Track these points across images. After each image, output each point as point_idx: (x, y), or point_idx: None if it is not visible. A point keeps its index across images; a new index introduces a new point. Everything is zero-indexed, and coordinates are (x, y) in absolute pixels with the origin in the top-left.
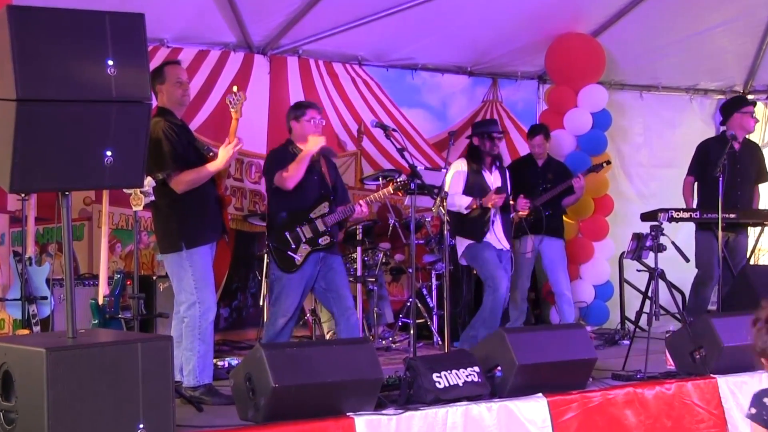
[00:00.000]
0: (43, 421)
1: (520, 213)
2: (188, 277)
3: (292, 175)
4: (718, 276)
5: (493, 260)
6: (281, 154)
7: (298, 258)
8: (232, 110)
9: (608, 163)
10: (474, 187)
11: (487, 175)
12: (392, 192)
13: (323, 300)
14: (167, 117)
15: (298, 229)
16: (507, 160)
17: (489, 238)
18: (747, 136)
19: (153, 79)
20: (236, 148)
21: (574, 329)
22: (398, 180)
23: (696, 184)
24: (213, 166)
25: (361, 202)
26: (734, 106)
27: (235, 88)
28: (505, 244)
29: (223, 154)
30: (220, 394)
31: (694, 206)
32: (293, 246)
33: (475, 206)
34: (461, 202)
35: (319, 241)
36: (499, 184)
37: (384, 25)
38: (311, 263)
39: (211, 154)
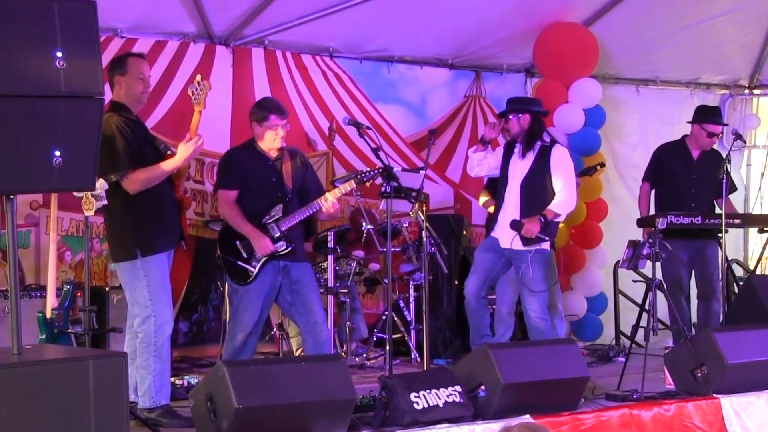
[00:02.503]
0: None
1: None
2: (142, 288)
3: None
4: (688, 287)
5: (477, 264)
6: (232, 157)
7: (252, 268)
8: (194, 102)
9: (602, 165)
10: (501, 177)
11: (514, 160)
12: (355, 185)
13: (289, 315)
14: (121, 112)
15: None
16: None
17: (497, 232)
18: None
19: (113, 68)
20: (197, 144)
21: (565, 345)
22: (363, 173)
23: (654, 191)
24: (170, 164)
25: (327, 195)
26: (699, 116)
27: (198, 77)
28: (510, 244)
29: (183, 150)
30: (179, 415)
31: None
32: (245, 255)
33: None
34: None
35: (275, 248)
36: (525, 169)
37: (357, 14)
38: (270, 273)
39: (169, 152)
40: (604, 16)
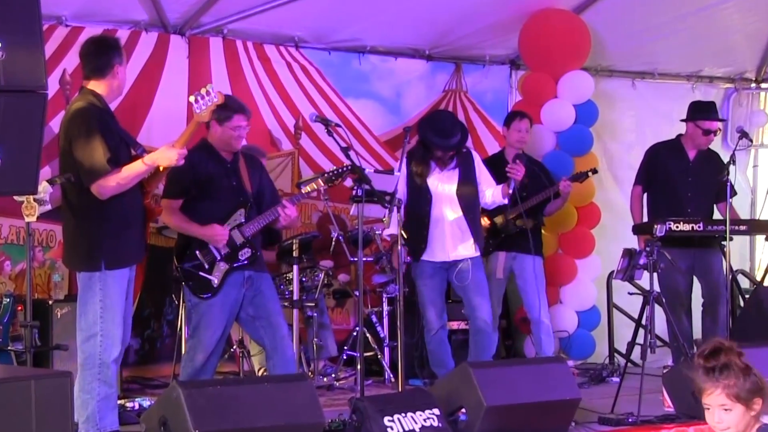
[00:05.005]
0: None
1: (517, 177)
2: (95, 302)
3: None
4: (688, 300)
5: (428, 295)
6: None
7: (215, 279)
8: (196, 112)
9: (594, 171)
10: (413, 195)
11: (435, 177)
12: (323, 184)
13: (251, 330)
14: (99, 102)
15: (211, 244)
16: None
17: (428, 254)
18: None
19: (113, 54)
20: (180, 154)
21: (554, 364)
22: (330, 171)
23: (645, 195)
24: (142, 164)
25: (284, 202)
26: (692, 113)
27: (209, 86)
28: (457, 253)
29: (164, 152)
30: None
31: (645, 220)
32: (206, 266)
33: None
34: None
35: (239, 256)
36: (453, 178)
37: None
38: (234, 285)
39: (140, 150)
40: (597, 3)
